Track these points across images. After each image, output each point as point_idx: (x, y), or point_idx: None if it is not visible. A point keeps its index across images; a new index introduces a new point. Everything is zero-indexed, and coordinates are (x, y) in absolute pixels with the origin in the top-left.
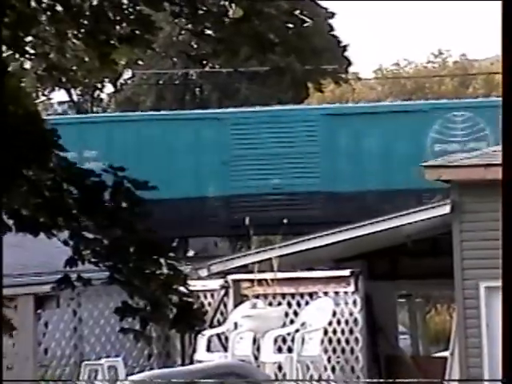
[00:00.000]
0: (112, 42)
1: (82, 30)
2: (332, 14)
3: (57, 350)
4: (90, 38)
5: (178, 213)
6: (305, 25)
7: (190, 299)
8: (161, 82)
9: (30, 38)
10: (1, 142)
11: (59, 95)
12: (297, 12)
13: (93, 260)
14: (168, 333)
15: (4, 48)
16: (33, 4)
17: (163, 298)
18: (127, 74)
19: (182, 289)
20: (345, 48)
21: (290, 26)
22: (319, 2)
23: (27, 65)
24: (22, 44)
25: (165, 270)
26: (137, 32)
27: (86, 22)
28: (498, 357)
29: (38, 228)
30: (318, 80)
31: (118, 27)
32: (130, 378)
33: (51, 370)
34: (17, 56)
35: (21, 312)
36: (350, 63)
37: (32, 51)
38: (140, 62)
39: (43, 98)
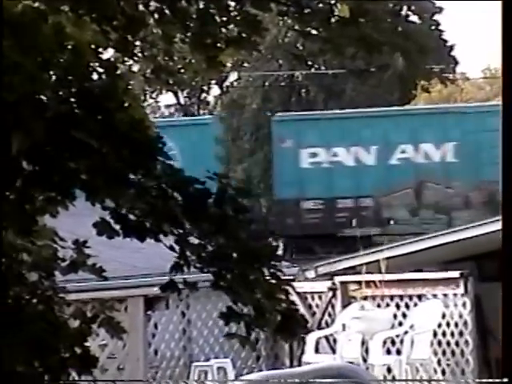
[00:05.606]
0: (219, 44)
1: (189, 34)
2: (440, 9)
3: (166, 352)
4: (196, 42)
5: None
6: (411, 25)
7: (293, 306)
8: (267, 83)
9: (137, 42)
10: (108, 148)
11: (166, 98)
12: (404, 8)
13: (197, 265)
14: None
15: (112, 51)
16: (140, 7)
17: (267, 304)
18: (233, 76)
19: (285, 296)
20: (451, 48)
21: (397, 25)
22: None
23: (135, 68)
24: (130, 47)
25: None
26: (243, 34)
27: (192, 24)
28: None
29: (144, 233)
30: (424, 80)
31: (224, 29)
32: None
33: (161, 371)
34: (125, 59)
35: (131, 313)
36: (457, 63)
37: (140, 54)
38: (246, 64)
39: (151, 101)
